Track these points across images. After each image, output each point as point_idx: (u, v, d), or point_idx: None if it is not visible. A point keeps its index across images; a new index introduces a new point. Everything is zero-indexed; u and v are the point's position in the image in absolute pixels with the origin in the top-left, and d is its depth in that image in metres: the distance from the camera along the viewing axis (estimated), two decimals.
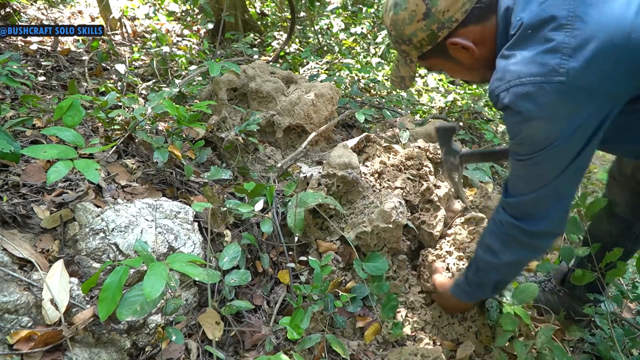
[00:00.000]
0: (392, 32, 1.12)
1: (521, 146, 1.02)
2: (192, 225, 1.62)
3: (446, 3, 1.02)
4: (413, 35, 1.08)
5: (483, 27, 1.04)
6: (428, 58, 1.15)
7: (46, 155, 1.28)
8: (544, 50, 0.90)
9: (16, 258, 1.28)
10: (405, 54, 1.16)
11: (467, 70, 1.15)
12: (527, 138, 0.99)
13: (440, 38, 1.06)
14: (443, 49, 1.09)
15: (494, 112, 4.37)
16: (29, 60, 3.13)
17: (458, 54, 1.09)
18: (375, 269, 1.62)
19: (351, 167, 1.89)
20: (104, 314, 1.07)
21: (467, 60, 1.10)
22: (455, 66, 1.14)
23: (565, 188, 1.07)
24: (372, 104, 3.50)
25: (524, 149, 1.02)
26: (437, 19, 1.03)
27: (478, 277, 1.33)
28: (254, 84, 2.65)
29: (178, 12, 5.45)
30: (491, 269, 1.27)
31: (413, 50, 1.12)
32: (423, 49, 1.11)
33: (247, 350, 1.48)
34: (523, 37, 0.94)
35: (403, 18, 1.07)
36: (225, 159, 2.46)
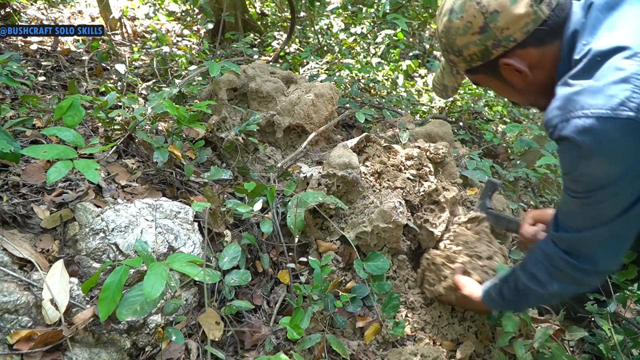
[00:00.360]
0: (443, 39, 1.05)
1: (577, 183, 0.94)
2: (192, 225, 1.62)
3: (506, 20, 0.93)
4: (464, 47, 1.02)
5: (543, 50, 0.96)
6: (476, 73, 1.09)
7: (46, 155, 1.28)
8: (613, 80, 0.82)
9: (16, 258, 1.28)
10: (452, 64, 1.10)
11: (516, 93, 1.08)
12: (584, 175, 0.90)
13: (493, 56, 1.00)
14: (494, 67, 1.02)
15: (493, 113, 4.37)
16: (29, 60, 3.13)
17: (509, 75, 1.02)
18: (376, 269, 1.62)
19: (351, 167, 1.89)
20: (104, 314, 1.07)
21: (519, 83, 1.03)
22: (504, 86, 1.07)
23: (624, 229, 0.97)
24: (372, 104, 3.50)
25: (580, 186, 0.93)
26: (494, 36, 0.96)
27: (516, 297, 1.25)
28: (254, 84, 2.65)
29: (178, 12, 5.45)
30: (533, 295, 1.20)
31: (461, 62, 1.06)
32: (472, 63, 1.04)
33: (247, 350, 1.48)
34: (591, 65, 0.87)
35: (457, 27, 1.00)
36: (225, 159, 2.46)
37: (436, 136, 2.58)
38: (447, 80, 1.18)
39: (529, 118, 4.94)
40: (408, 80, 4.76)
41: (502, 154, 3.49)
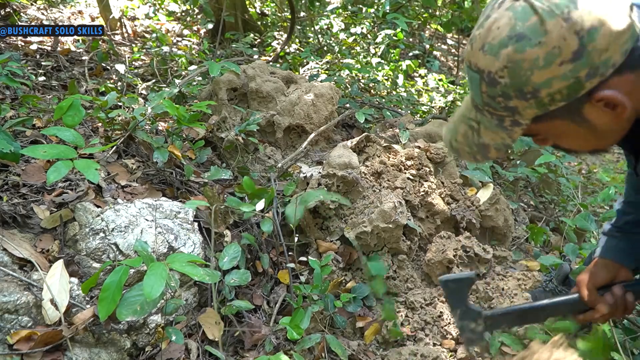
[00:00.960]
0: (504, 79, 0.74)
1: None
2: (192, 225, 1.62)
3: (607, 39, 0.69)
4: (545, 85, 0.72)
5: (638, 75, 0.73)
6: (547, 120, 0.78)
7: (46, 155, 1.28)
8: None
9: (16, 258, 1.28)
10: (509, 112, 0.78)
11: (594, 138, 0.82)
12: None
13: (584, 90, 0.72)
14: (577, 107, 0.75)
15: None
16: (29, 60, 3.13)
17: (595, 115, 0.76)
18: (375, 269, 1.62)
19: (351, 167, 1.89)
20: (103, 314, 1.08)
21: (606, 122, 0.77)
22: (581, 132, 0.80)
23: None
24: (372, 104, 3.50)
25: None
26: (591, 62, 0.70)
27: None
28: (254, 84, 2.65)
29: (178, 12, 5.45)
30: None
31: (532, 108, 0.76)
32: (551, 106, 0.75)
33: (247, 350, 1.48)
34: None
35: (535, 58, 0.70)
36: (225, 159, 2.46)
37: (436, 136, 2.57)
38: (489, 139, 0.84)
39: None
40: (408, 80, 4.76)
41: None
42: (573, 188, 2.86)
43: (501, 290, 1.70)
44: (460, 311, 1.11)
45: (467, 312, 1.10)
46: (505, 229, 2.09)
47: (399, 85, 4.22)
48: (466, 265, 1.82)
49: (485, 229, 2.09)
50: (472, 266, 1.82)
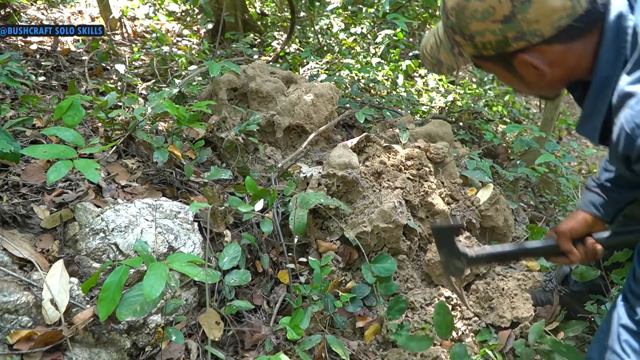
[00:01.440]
0: (452, 17, 0.89)
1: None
2: (192, 225, 1.62)
3: (539, 13, 0.79)
4: (478, 34, 0.86)
5: (570, 47, 0.84)
6: (484, 61, 0.94)
7: (46, 155, 1.28)
8: None
9: (16, 258, 1.28)
10: (456, 44, 0.94)
11: (525, 86, 0.96)
12: None
13: (511, 49, 0.86)
14: (507, 59, 0.89)
15: (493, 113, 4.37)
16: (29, 60, 3.13)
17: (523, 70, 0.89)
18: (383, 270, 1.61)
19: (351, 167, 1.89)
20: (103, 313, 1.08)
21: (532, 79, 0.91)
22: (513, 78, 0.94)
23: None
24: (372, 104, 3.50)
25: None
26: (519, 28, 0.82)
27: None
28: (254, 84, 2.65)
29: (178, 12, 5.45)
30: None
31: (470, 47, 0.91)
32: (483, 51, 0.90)
33: (247, 350, 1.49)
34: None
35: (474, 10, 0.83)
36: (225, 159, 2.46)
37: (436, 136, 2.57)
38: (443, 57, 1.00)
39: (529, 118, 4.94)
40: (408, 80, 4.76)
41: (502, 154, 3.49)
42: (573, 188, 2.86)
43: (501, 290, 1.70)
44: (447, 250, 1.28)
45: (453, 251, 1.27)
46: (505, 229, 2.09)
47: (399, 85, 4.22)
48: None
49: (485, 229, 2.09)
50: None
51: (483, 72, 1.08)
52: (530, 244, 1.27)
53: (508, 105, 4.60)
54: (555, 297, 1.71)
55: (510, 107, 4.54)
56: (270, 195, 1.76)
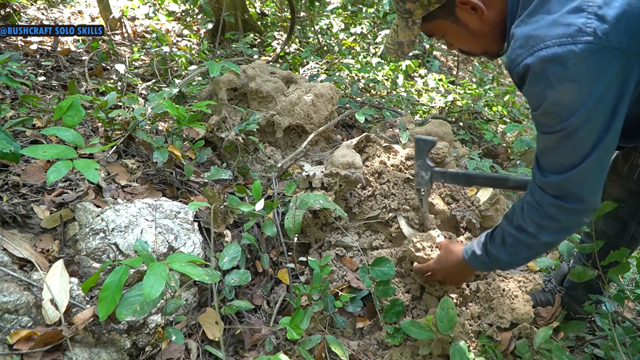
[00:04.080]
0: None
1: (549, 115, 0.96)
2: (192, 225, 1.62)
3: None
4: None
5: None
6: (432, 19, 1.12)
7: (46, 155, 1.28)
8: (567, 10, 0.87)
9: (16, 258, 1.28)
10: (408, 14, 1.12)
11: (471, 37, 1.12)
12: (554, 104, 0.93)
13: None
14: (451, 9, 1.07)
15: (493, 113, 4.37)
16: (29, 60, 3.13)
17: (466, 16, 1.08)
18: (381, 274, 1.60)
19: (354, 167, 1.89)
20: (103, 313, 1.07)
21: (475, 23, 1.08)
22: (460, 30, 1.11)
23: (605, 158, 0.99)
24: (372, 104, 3.50)
25: (553, 118, 0.95)
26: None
27: (505, 253, 1.24)
28: (254, 84, 2.65)
29: (178, 12, 5.45)
30: (524, 249, 1.20)
31: (419, 8, 1.09)
32: (430, 7, 1.08)
33: (247, 350, 1.49)
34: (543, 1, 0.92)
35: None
36: (225, 159, 2.46)
37: (436, 136, 2.57)
38: (402, 36, 1.18)
39: (529, 118, 4.93)
40: (408, 80, 4.76)
41: (502, 154, 3.49)
42: None
43: (502, 291, 1.69)
44: (420, 162, 1.58)
45: (423, 165, 1.58)
46: None
47: (399, 85, 4.22)
48: None
49: (485, 229, 2.09)
50: None
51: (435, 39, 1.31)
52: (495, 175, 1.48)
53: (508, 105, 4.60)
54: (556, 298, 1.71)
55: (510, 107, 4.54)
56: (272, 204, 1.75)
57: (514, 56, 0.94)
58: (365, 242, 1.85)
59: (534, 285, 1.72)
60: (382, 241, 1.86)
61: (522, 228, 1.16)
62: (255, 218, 1.70)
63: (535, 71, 0.91)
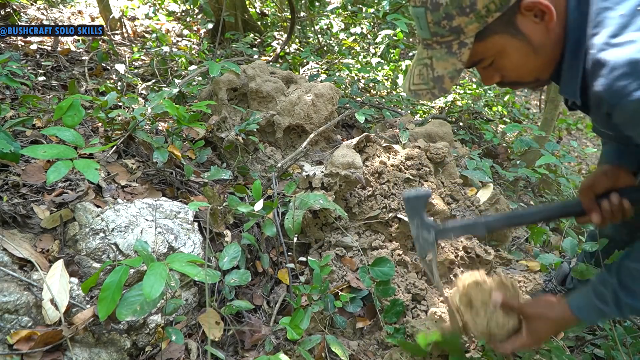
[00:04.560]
0: (443, 1, 0.87)
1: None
2: (192, 225, 1.62)
3: None
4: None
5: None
6: (487, 36, 0.90)
7: (46, 155, 1.28)
8: None
9: (16, 258, 1.28)
10: (455, 35, 0.90)
11: (533, 54, 0.92)
12: None
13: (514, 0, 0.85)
14: (511, 18, 0.87)
15: (493, 113, 4.37)
16: (29, 60, 3.13)
17: (529, 26, 0.88)
18: (381, 274, 1.60)
19: (354, 167, 1.89)
20: (103, 313, 1.07)
21: (539, 34, 0.89)
22: (520, 46, 0.91)
23: None
24: (372, 104, 3.50)
25: None
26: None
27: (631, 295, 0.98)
28: (254, 84, 2.65)
29: (178, 12, 5.45)
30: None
31: (474, 22, 0.87)
32: (489, 17, 0.86)
33: (247, 350, 1.48)
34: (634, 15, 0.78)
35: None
36: (225, 159, 2.46)
37: (436, 136, 2.57)
38: (441, 68, 0.94)
39: (529, 118, 4.94)
40: None
41: (502, 154, 3.49)
42: (573, 188, 2.86)
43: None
44: (417, 222, 1.25)
45: (422, 224, 1.24)
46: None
47: (399, 85, 4.22)
48: (467, 266, 1.82)
49: None
50: (473, 267, 1.82)
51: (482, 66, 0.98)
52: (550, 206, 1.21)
53: (508, 105, 4.60)
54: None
55: (510, 107, 4.54)
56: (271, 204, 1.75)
57: (616, 89, 0.78)
58: (365, 242, 1.85)
59: (534, 285, 1.73)
60: (382, 241, 1.86)
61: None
62: (255, 218, 1.70)
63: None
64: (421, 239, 1.28)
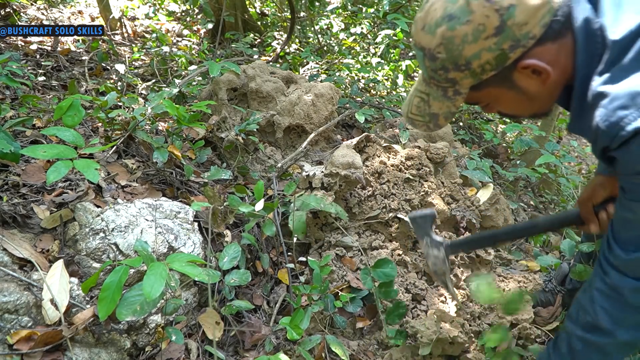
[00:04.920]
0: (441, 55, 0.87)
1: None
2: (192, 225, 1.62)
3: (525, 14, 0.81)
4: (474, 57, 0.85)
5: (560, 45, 0.86)
6: (483, 88, 0.92)
7: (46, 155, 1.28)
8: None
9: (16, 258, 1.28)
10: (450, 84, 0.92)
11: (527, 101, 0.94)
12: None
13: (510, 60, 0.85)
14: (507, 75, 0.88)
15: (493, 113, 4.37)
16: (29, 60, 3.13)
17: (525, 81, 0.89)
18: (383, 276, 1.59)
19: (354, 167, 1.89)
20: (103, 313, 1.07)
21: (535, 87, 0.90)
22: (515, 97, 0.93)
23: None
24: (372, 104, 3.50)
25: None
26: (512, 35, 0.82)
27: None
28: (254, 84, 2.65)
29: (178, 12, 5.45)
30: (596, 353, 0.99)
31: (468, 78, 0.89)
32: (483, 75, 0.88)
33: (247, 350, 1.49)
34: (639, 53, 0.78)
35: (464, 34, 0.83)
36: (225, 159, 2.46)
37: (436, 136, 2.58)
38: (436, 107, 0.97)
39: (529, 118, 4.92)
40: (408, 80, 4.76)
41: (502, 154, 3.49)
42: (573, 188, 2.86)
43: (502, 291, 1.70)
44: (426, 240, 1.33)
45: (432, 242, 1.31)
46: None
47: (399, 85, 4.22)
48: (467, 266, 1.82)
49: (485, 229, 2.09)
50: (473, 267, 1.82)
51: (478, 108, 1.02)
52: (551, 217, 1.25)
53: None
54: (557, 298, 1.71)
55: None
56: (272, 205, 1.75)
57: (615, 119, 0.78)
58: (365, 242, 1.85)
59: (534, 286, 1.73)
60: (382, 241, 1.86)
61: (593, 326, 0.97)
62: (256, 218, 1.70)
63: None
64: (432, 256, 1.33)
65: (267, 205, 1.69)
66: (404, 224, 1.85)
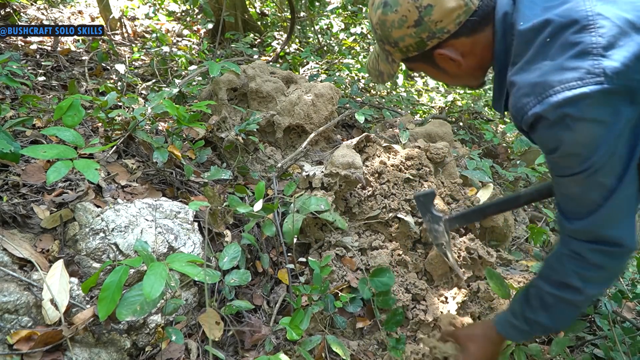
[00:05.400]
0: (378, 31, 1.09)
1: (569, 158, 0.92)
2: (192, 225, 1.62)
3: (440, 14, 0.98)
4: (400, 39, 1.05)
5: (475, 38, 1.02)
6: (412, 62, 1.13)
7: (46, 155, 1.28)
8: (571, 55, 0.86)
9: (16, 258, 1.28)
10: (388, 53, 1.13)
11: (450, 77, 1.14)
12: (574, 146, 0.89)
13: (428, 47, 1.04)
14: (429, 56, 1.07)
15: (493, 112, 4.37)
16: (29, 60, 3.13)
17: (444, 64, 1.07)
18: (381, 285, 1.58)
19: (354, 167, 1.89)
20: (103, 313, 1.07)
21: (453, 70, 1.09)
22: (438, 72, 1.13)
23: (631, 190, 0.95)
24: (372, 104, 3.50)
25: (574, 159, 0.91)
26: (429, 29, 1.00)
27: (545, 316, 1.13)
28: (254, 84, 2.65)
29: (178, 12, 5.45)
30: (568, 305, 1.09)
31: (397, 52, 1.09)
32: (408, 53, 1.08)
33: (247, 350, 1.49)
34: (542, 47, 0.90)
35: (392, 20, 1.03)
36: (225, 159, 2.46)
37: (436, 136, 2.57)
38: (382, 67, 1.18)
39: None
40: (408, 80, 4.76)
41: (502, 154, 3.49)
42: None
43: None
44: (428, 217, 1.56)
45: (433, 218, 1.55)
46: (505, 228, 2.09)
47: (399, 85, 4.22)
48: (469, 267, 1.82)
49: (485, 228, 2.09)
50: (474, 268, 1.82)
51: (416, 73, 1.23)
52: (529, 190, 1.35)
53: None
54: None
55: None
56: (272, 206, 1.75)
57: (520, 105, 0.92)
58: (365, 242, 1.85)
59: None
60: (382, 241, 1.86)
61: (565, 284, 1.07)
62: (256, 218, 1.70)
63: (548, 117, 0.88)
64: (434, 230, 1.56)
65: (267, 206, 1.69)
66: (404, 224, 1.85)
